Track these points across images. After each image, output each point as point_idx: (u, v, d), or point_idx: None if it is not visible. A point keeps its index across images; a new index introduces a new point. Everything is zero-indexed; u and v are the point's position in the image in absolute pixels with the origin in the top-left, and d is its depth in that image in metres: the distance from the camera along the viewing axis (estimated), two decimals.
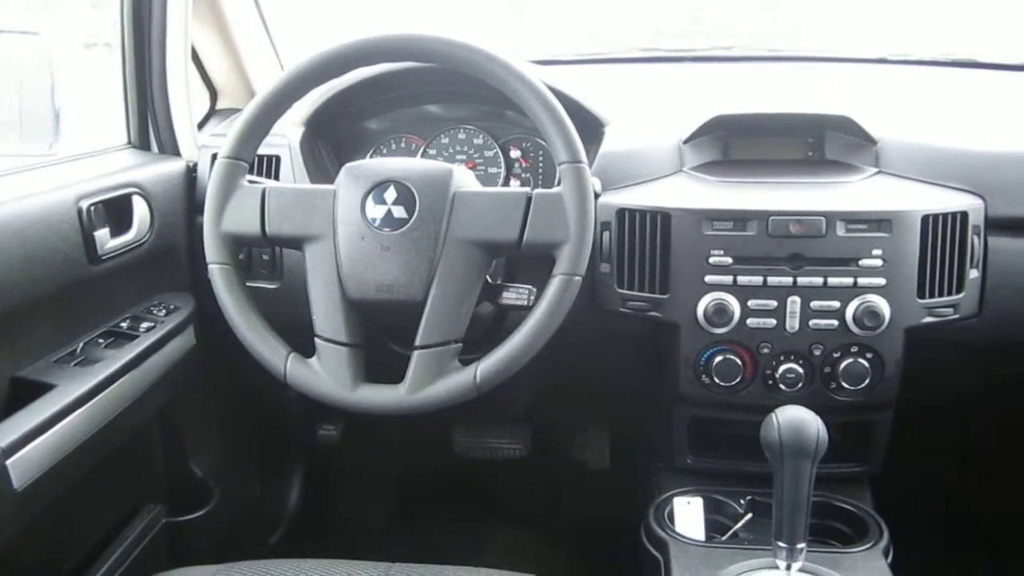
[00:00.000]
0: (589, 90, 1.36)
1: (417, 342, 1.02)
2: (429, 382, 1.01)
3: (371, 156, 1.42)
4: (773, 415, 1.01)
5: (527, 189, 1.05)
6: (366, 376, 1.05)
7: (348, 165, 1.09)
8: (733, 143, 1.31)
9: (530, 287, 1.08)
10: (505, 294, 1.09)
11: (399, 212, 1.04)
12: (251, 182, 1.10)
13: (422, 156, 1.41)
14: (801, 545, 1.02)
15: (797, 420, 0.99)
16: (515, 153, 1.39)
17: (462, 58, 1.06)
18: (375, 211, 1.04)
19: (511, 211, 1.03)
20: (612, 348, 1.36)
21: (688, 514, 1.21)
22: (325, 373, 1.04)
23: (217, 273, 1.07)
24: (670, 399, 1.27)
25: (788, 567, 1.03)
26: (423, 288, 1.03)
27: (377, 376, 1.05)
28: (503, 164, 1.39)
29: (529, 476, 1.76)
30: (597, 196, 1.12)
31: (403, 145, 1.42)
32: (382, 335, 1.15)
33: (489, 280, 1.10)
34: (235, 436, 1.60)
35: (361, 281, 1.04)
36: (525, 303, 1.07)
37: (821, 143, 1.30)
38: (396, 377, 1.03)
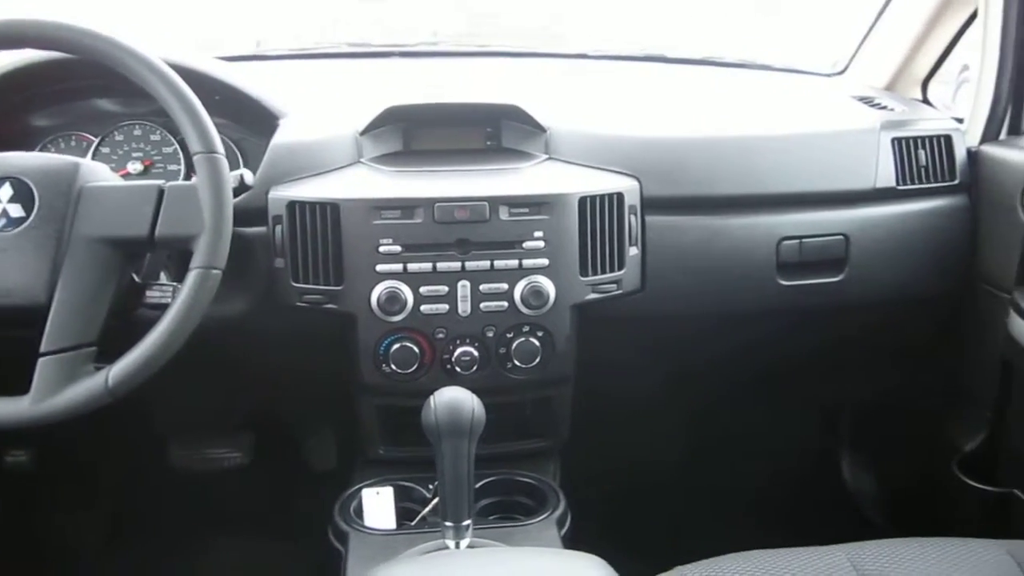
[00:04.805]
0: (269, 84, 1.33)
1: (42, 348, 0.95)
2: (56, 390, 0.95)
3: None
4: (431, 398, 1.03)
5: (160, 182, 1.00)
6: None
7: None
8: (414, 134, 1.33)
9: (176, 284, 1.04)
10: (149, 293, 1.04)
11: (16, 211, 0.97)
12: None
13: (94, 154, 1.32)
14: (467, 522, 1.04)
15: (452, 400, 1.02)
16: None
17: (87, 46, 1.01)
18: None
19: (141, 205, 0.98)
20: (307, 345, 1.33)
21: (377, 504, 1.20)
22: None
23: None
24: (357, 390, 1.26)
25: (457, 545, 1.05)
26: (46, 291, 0.96)
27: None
28: (183, 161, 1.34)
29: (258, 484, 1.70)
30: (248, 188, 1.10)
31: (73, 143, 1.33)
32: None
33: (136, 279, 1.05)
34: None
35: None
36: (170, 301, 1.03)
37: (498, 132, 1.34)
38: None
